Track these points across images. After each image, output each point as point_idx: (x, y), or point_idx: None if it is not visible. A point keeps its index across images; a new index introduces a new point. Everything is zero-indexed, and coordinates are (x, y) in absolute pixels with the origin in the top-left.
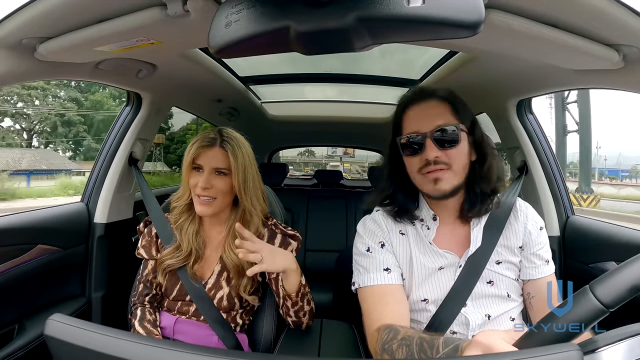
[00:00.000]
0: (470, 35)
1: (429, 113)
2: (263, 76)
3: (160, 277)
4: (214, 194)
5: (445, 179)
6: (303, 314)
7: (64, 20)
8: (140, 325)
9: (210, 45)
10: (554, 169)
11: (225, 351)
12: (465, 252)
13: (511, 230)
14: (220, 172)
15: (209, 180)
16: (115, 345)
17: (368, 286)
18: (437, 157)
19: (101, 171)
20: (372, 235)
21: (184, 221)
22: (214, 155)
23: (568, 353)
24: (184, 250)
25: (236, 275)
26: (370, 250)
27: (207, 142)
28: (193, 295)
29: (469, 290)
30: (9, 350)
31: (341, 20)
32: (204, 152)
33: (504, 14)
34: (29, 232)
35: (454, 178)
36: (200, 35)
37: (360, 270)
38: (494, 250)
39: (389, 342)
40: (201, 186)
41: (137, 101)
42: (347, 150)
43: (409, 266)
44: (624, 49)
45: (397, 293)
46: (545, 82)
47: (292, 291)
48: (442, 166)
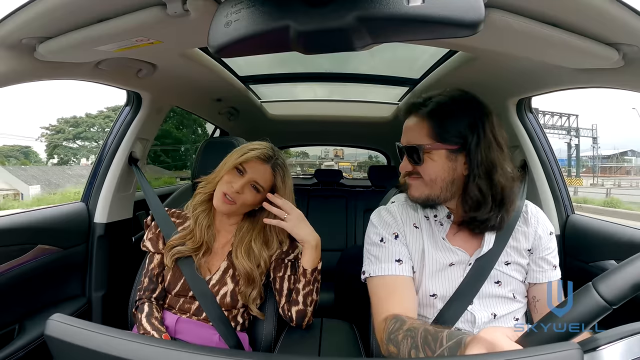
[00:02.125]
0: (470, 34)
1: (408, 128)
2: (263, 76)
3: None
4: (238, 200)
5: (415, 186)
6: (310, 302)
7: (63, 20)
8: (147, 321)
9: (210, 45)
10: (554, 168)
11: (225, 350)
12: (475, 252)
13: (521, 233)
14: (257, 187)
15: (243, 187)
16: (115, 345)
17: (379, 276)
18: (407, 170)
19: (101, 171)
20: (387, 226)
21: (201, 212)
22: (262, 171)
23: (568, 352)
24: (196, 239)
25: (245, 284)
26: (383, 241)
27: (263, 157)
28: (196, 290)
29: (477, 288)
30: (9, 351)
31: (341, 20)
32: (254, 162)
33: (504, 13)
34: (29, 232)
35: (424, 187)
36: (200, 35)
37: (372, 259)
38: (504, 251)
39: (395, 332)
40: (235, 189)
41: (137, 101)
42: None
43: (420, 259)
44: (624, 48)
45: (407, 285)
46: (545, 82)
47: (308, 266)
48: (415, 175)
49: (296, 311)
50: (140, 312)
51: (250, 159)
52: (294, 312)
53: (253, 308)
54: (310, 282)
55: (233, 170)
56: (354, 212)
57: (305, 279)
